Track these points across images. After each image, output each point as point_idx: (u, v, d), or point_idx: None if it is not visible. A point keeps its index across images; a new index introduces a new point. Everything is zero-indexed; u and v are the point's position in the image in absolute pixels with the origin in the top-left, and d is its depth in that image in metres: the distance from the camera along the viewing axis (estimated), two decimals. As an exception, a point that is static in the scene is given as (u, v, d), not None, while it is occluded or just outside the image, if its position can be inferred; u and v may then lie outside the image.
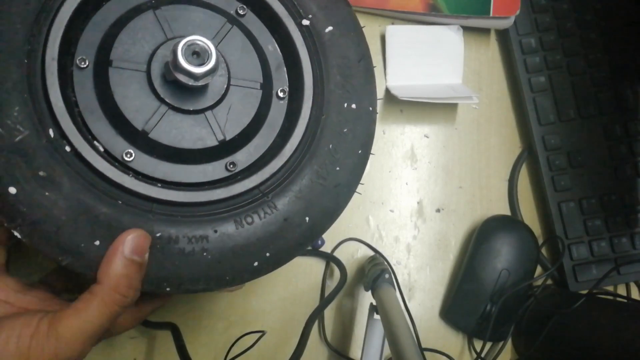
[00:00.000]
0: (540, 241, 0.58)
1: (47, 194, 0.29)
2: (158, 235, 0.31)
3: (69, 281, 0.37)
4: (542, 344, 0.51)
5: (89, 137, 0.32)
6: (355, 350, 0.52)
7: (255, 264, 0.33)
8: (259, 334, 0.46)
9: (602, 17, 0.58)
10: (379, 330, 0.45)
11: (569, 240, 0.56)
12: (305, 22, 0.38)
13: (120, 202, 0.31)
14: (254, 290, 0.51)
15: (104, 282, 0.29)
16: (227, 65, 0.35)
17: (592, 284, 0.55)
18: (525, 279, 0.54)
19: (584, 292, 0.55)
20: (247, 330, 0.48)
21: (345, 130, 0.37)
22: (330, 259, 0.52)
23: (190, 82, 0.32)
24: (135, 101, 0.33)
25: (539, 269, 0.57)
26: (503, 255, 0.53)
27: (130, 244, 0.29)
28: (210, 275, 0.32)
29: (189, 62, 0.31)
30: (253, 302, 0.51)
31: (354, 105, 0.37)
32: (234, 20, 0.37)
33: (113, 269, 0.29)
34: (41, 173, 0.29)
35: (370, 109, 0.38)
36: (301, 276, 0.52)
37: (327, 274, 0.52)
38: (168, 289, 0.31)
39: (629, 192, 0.57)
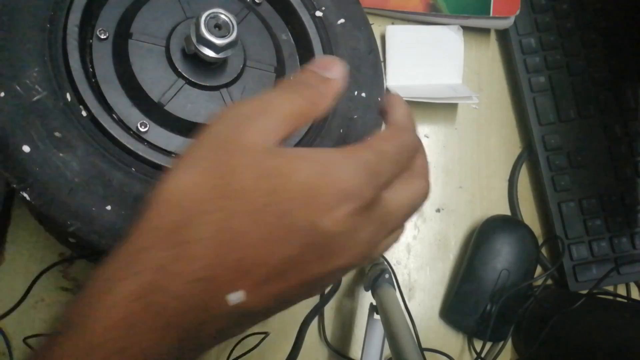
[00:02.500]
0: (540, 241, 0.57)
1: (61, 154, 0.29)
2: None
3: None
4: (542, 344, 0.51)
5: (105, 105, 0.32)
6: (355, 351, 0.52)
7: None
8: (262, 335, 0.46)
9: (602, 17, 0.58)
10: (378, 330, 0.45)
11: (569, 240, 0.56)
12: (319, 13, 0.39)
13: (133, 169, 0.31)
14: (254, 290, 0.51)
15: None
16: (243, 47, 0.36)
17: (592, 284, 0.55)
18: (525, 279, 0.54)
19: (584, 292, 0.55)
20: (250, 331, 0.48)
21: (355, 116, 0.38)
22: None
23: (211, 54, 0.32)
24: (153, 73, 0.33)
25: (539, 269, 0.57)
26: (503, 255, 0.53)
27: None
28: None
29: (212, 33, 0.31)
30: (253, 302, 0.51)
31: (364, 94, 0.39)
32: (251, 8, 0.38)
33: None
34: (57, 134, 0.29)
35: (379, 99, 0.39)
36: (301, 276, 0.52)
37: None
38: None
39: (629, 192, 0.57)
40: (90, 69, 0.33)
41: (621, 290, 0.58)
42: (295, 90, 0.26)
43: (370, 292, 0.48)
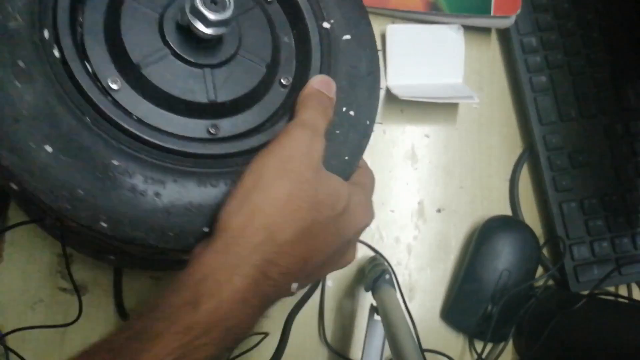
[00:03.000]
0: (542, 241, 0.57)
1: (17, 83, 0.28)
2: (115, 163, 0.30)
3: None
4: (543, 344, 0.51)
5: (82, 54, 0.32)
6: (356, 352, 0.52)
7: (206, 229, 0.31)
8: (261, 335, 0.46)
9: (603, 17, 0.58)
10: (379, 331, 0.45)
11: (570, 240, 0.56)
12: (326, 25, 0.39)
13: (87, 119, 0.30)
14: (253, 290, 0.50)
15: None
16: (240, 35, 0.35)
17: (593, 284, 0.55)
18: (526, 279, 0.53)
19: (585, 292, 0.55)
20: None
21: (337, 132, 0.36)
22: None
23: (201, 28, 0.32)
24: (140, 36, 0.33)
25: (540, 270, 0.57)
26: (504, 256, 0.53)
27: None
28: (154, 224, 0.30)
29: (206, 6, 0.31)
30: (253, 303, 0.50)
31: (352, 112, 0.37)
32: (260, 4, 0.38)
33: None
34: (20, 63, 0.29)
35: (368, 122, 0.38)
36: (301, 277, 0.52)
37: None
38: (104, 224, 0.29)
39: (630, 192, 0.57)
40: (80, 19, 0.32)
41: (622, 290, 0.58)
42: (322, 110, 0.35)
43: (370, 292, 0.47)
